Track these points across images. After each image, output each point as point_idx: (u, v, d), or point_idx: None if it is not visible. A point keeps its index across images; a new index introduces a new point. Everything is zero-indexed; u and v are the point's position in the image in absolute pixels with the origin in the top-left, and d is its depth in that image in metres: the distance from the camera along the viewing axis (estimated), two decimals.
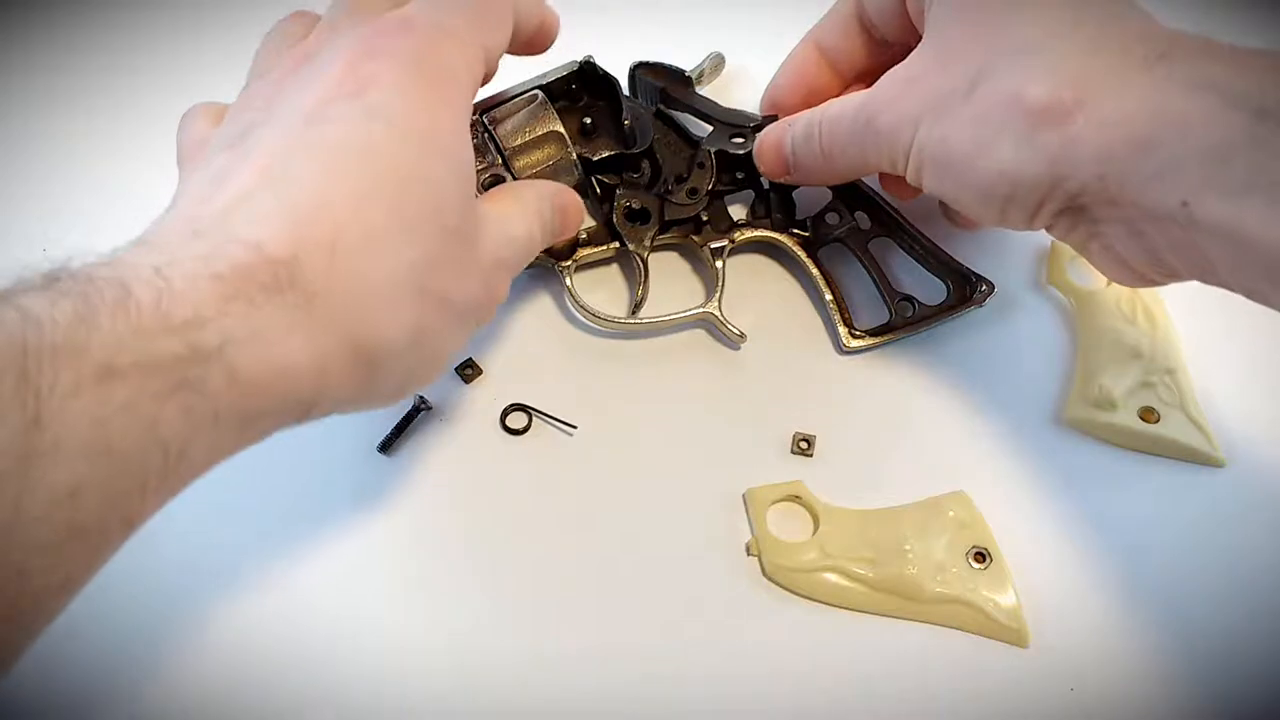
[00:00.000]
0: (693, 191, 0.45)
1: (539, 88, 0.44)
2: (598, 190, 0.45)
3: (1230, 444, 0.43)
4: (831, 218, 0.46)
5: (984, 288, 0.43)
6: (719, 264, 0.45)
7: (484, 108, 0.43)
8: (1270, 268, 0.29)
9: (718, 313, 0.44)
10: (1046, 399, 0.44)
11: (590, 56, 0.45)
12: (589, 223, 0.46)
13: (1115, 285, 0.46)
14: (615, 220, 0.45)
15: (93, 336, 0.23)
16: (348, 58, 0.31)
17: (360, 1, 0.34)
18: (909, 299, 0.44)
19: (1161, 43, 0.32)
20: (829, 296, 0.45)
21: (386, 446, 0.42)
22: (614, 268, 0.47)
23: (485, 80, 0.36)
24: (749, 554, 0.41)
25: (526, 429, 0.43)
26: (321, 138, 0.30)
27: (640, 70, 0.49)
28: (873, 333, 0.44)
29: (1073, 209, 0.34)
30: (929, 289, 0.45)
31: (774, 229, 0.46)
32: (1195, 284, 0.33)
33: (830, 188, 0.46)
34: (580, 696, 0.38)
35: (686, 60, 0.50)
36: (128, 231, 0.28)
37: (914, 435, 0.43)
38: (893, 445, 0.43)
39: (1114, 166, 0.32)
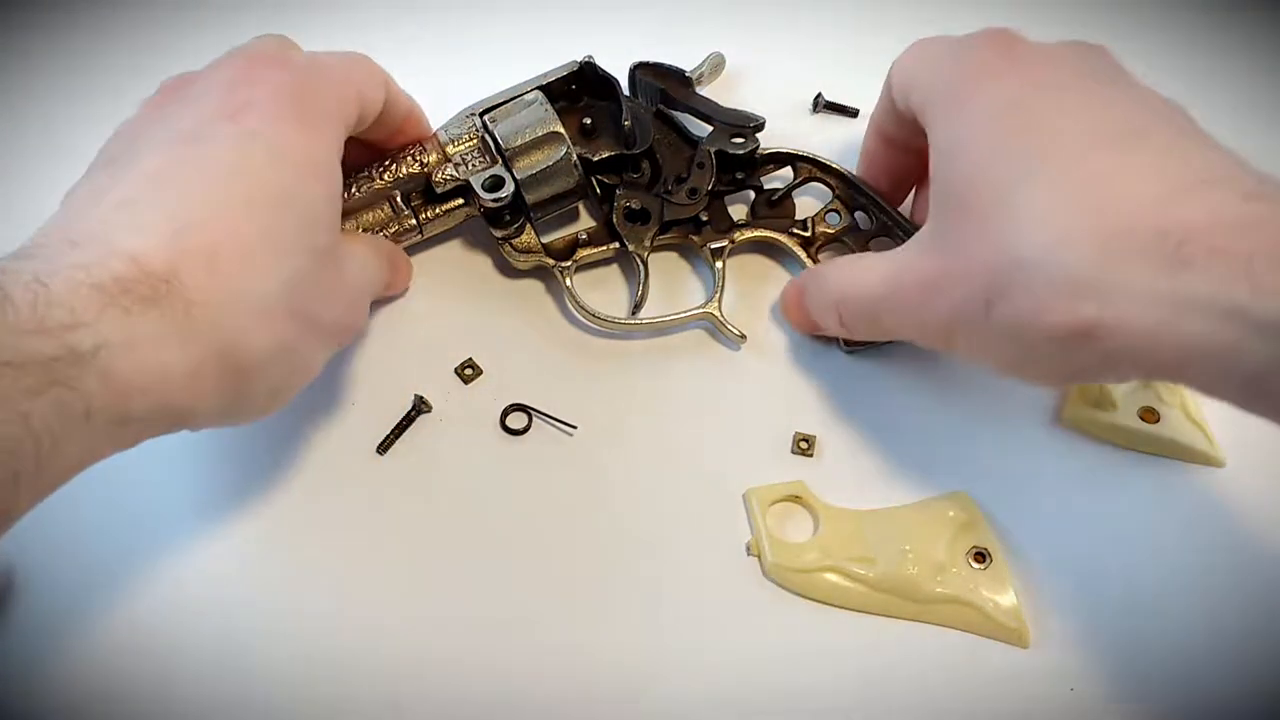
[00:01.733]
0: (693, 191, 0.45)
1: (539, 88, 0.44)
2: (598, 190, 0.45)
3: (1229, 444, 0.43)
4: (832, 218, 0.46)
5: None
6: (719, 264, 0.45)
7: (484, 109, 0.43)
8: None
9: (718, 313, 0.44)
10: (1046, 399, 0.44)
11: (590, 57, 0.45)
12: (589, 223, 0.46)
13: None
14: (615, 220, 0.45)
15: None
16: (227, 84, 0.34)
17: (242, 47, 0.37)
18: None
19: (1170, 241, 0.28)
20: None
21: (386, 447, 0.42)
22: (614, 268, 0.47)
23: (361, 126, 0.38)
24: (749, 554, 0.41)
25: (526, 429, 0.43)
26: (200, 155, 0.31)
27: (640, 71, 0.49)
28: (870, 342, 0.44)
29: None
30: None
31: (774, 229, 0.46)
32: None
33: (829, 186, 0.46)
34: (580, 696, 0.38)
35: (687, 60, 0.50)
36: None
37: (914, 435, 0.43)
38: (893, 445, 0.43)
39: (1144, 371, 0.30)
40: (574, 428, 0.43)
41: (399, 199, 0.42)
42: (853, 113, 0.51)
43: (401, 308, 0.46)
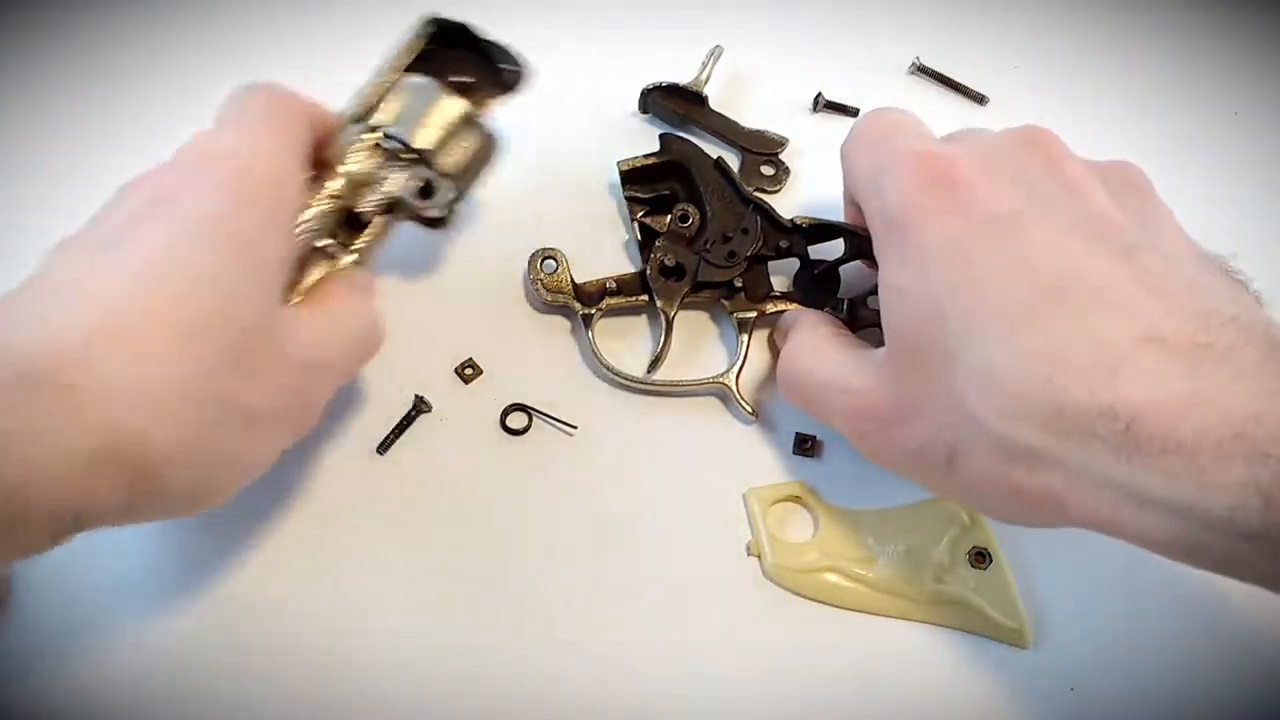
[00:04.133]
0: (731, 255, 0.43)
1: (408, 70, 0.40)
2: (639, 236, 0.45)
3: None
4: (873, 302, 0.43)
5: None
6: (744, 336, 0.43)
7: (362, 114, 0.39)
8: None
9: (734, 386, 0.43)
10: None
11: (433, 13, 0.41)
12: (624, 269, 0.45)
13: None
14: (649, 274, 0.44)
15: None
16: (151, 179, 0.33)
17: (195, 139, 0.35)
18: None
19: (1118, 421, 0.27)
20: None
21: (386, 447, 0.42)
22: (639, 309, 0.46)
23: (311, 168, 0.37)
24: (749, 554, 0.41)
25: (526, 429, 0.43)
26: (111, 251, 0.30)
27: (654, 95, 0.49)
28: None
29: None
30: None
31: (809, 304, 0.44)
32: None
33: (874, 269, 0.44)
34: (580, 696, 0.38)
35: (687, 60, 0.50)
36: None
37: None
38: None
39: (1109, 532, 0.30)
40: (574, 428, 0.43)
41: (328, 245, 0.37)
42: (853, 112, 0.51)
43: (401, 308, 0.45)
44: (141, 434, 0.28)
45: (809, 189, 0.49)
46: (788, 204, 0.48)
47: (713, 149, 0.46)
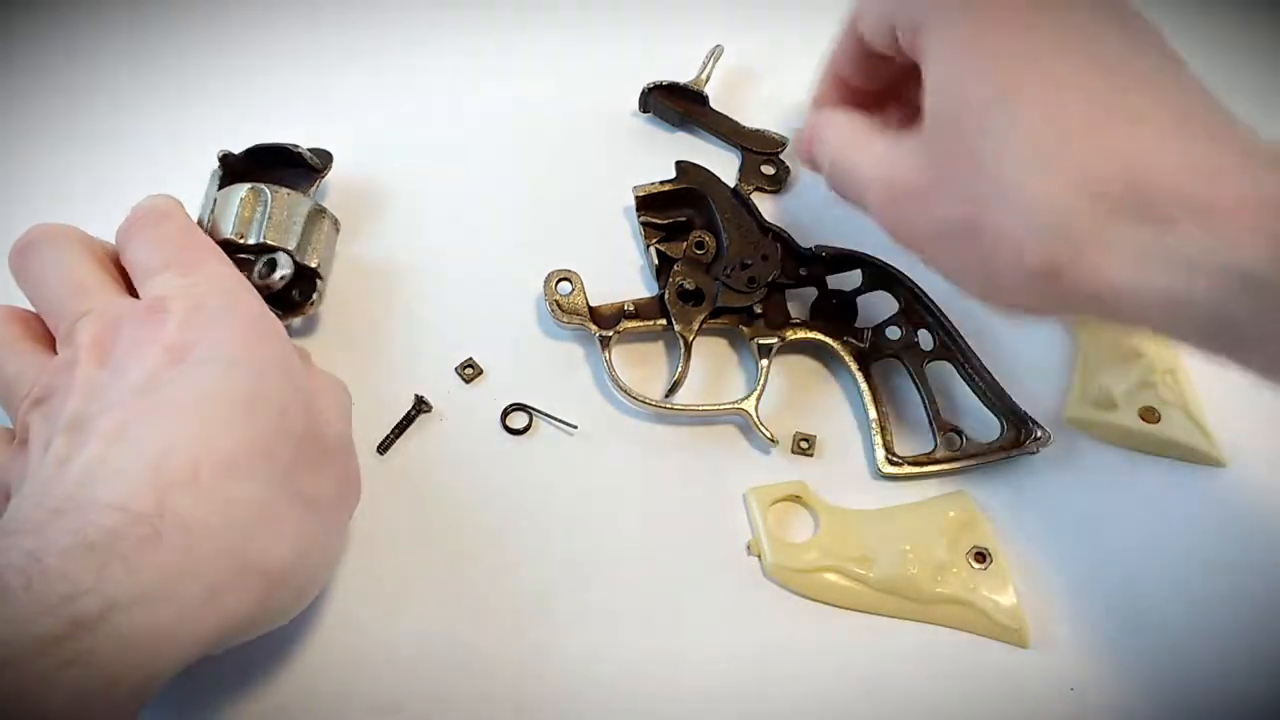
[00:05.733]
0: (751, 281, 0.43)
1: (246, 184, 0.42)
2: (656, 261, 0.45)
3: (1230, 444, 0.42)
4: (892, 331, 0.44)
5: (1040, 434, 0.41)
6: (764, 362, 0.43)
7: (227, 244, 0.41)
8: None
9: (753, 412, 0.42)
10: (1047, 398, 0.44)
11: (222, 151, 0.44)
12: (640, 294, 0.45)
13: None
14: (667, 298, 0.44)
15: None
16: (158, 338, 0.33)
17: (104, 293, 0.36)
18: (957, 431, 0.42)
19: (1144, 190, 0.29)
20: (873, 414, 0.42)
21: (386, 446, 0.42)
22: (655, 334, 0.46)
23: None
24: (749, 554, 0.41)
25: (527, 429, 0.43)
26: (159, 401, 0.31)
27: (655, 95, 0.49)
28: (913, 461, 0.42)
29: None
30: (978, 423, 0.43)
31: (829, 334, 0.44)
32: None
33: (897, 298, 0.44)
34: (580, 696, 0.38)
35: (688, 58, 0.50)
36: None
37: (915, 435, 0.43)
38: (893, 444, 0.43)
39: (1117, 318, 0.31)
40: (575, 427, 0.43)
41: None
42: None
43: (401, 308, 0.46)
44: (260, 549, 0.30)
45: (810, 189, 0.49)
46: (788, 205, 0.48)
47: (714, 148, 0.46)
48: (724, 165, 0.48)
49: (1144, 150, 0.29)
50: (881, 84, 0.41)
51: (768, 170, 0.49)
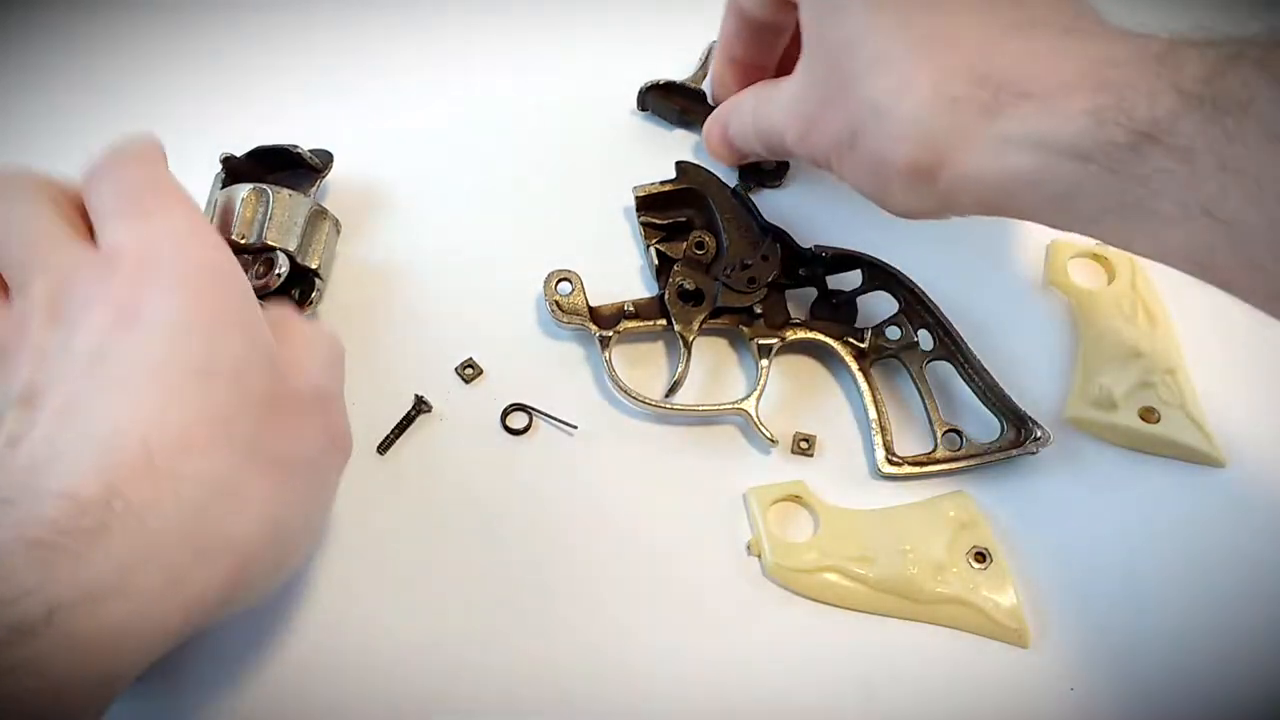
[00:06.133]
0: (751, 281, 0.43)
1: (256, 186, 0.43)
2: (656, 261, 0.45)
3: (1230, 444, 0.43)
4: (893, 332, 0.44)
5: (1039, 434, 0.41)
6: (764, 362, 0.43)
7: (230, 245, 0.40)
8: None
9: (754, 412, 0.42)
10: (1047, 398, 0.44)
11: (223, 153, 0.44)
12: (640, 294, 0.45)
13: (1116, 285, 0.46)
14: (667, 298, 0.43)
15: None
16: (109, 297, 0.31)
17: (58, 246, 0.33)
18: (956, 431, 0.42)
19: (989, 86, 0.32)
20: (873, 414, 0.43)
21: (386, 446, 0.42)
22: (655, 339, 0.46)
23: None
24: (749, 554, 0.41)
25: (527, 429, 0.43)
26: (109, 372, 0.29)
27: (653, 94, 0.49)
28: (913, 462, 0.42)
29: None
30: (978, 424, 0.43)
31: (829, 334, 0.44)
32: (1193, 285, 0.33)
33: (897, 299, 0.44)
34: (580, 696, 0.38)
35: (687, 57, 0.50)
36: None
37: (915, 435, 0.43)
38: (893, 445, 0.43)
39: (989, 208, 0.34)
40: (575, 427, 0.43)
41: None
42: None
43: (401, 308, 0.46)
44: (224, 530, 0.28)
45: (810, 189, 0.49)
46: (788, 204, 0.48)
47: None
48: (724, 167, 0.48)
49: (989, 49, 0.32)
50: (773, 58, 0.45)
51: (766, 165, 0.49)
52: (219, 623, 0.30)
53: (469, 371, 0.44)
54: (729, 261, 0.44)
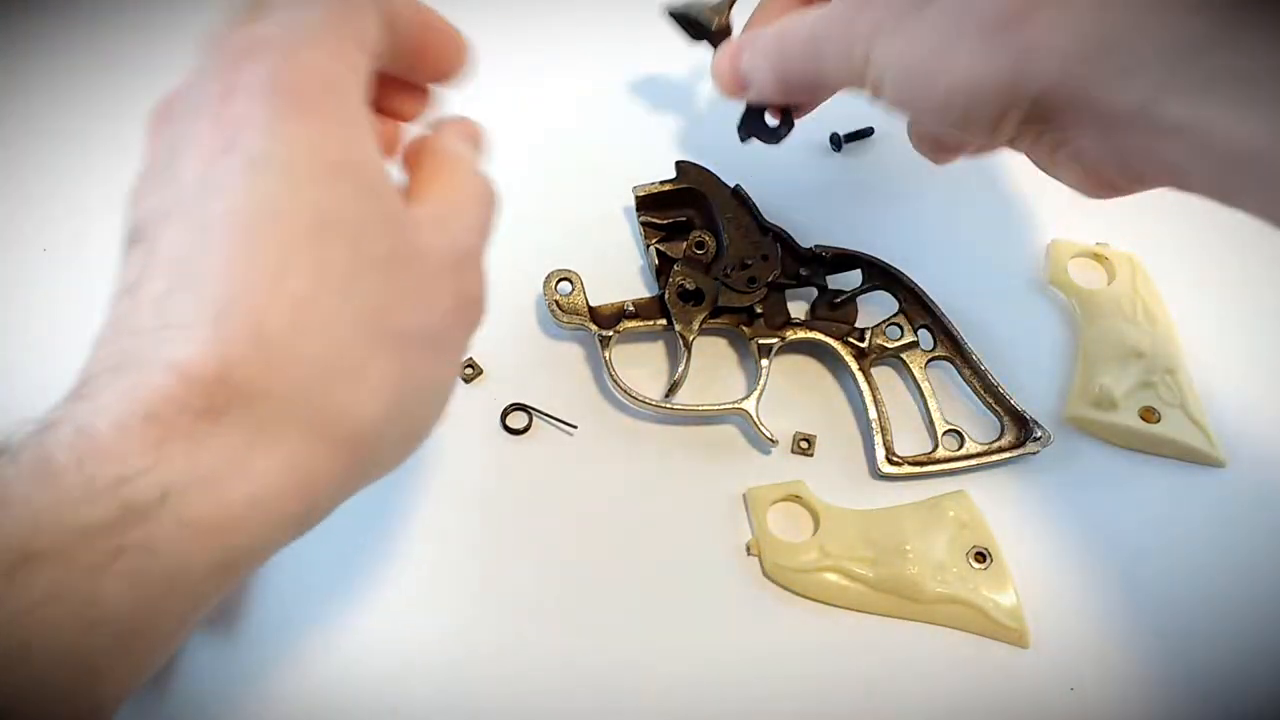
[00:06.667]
0: (751, 280, 0.43)
1: None
2: (656, 261, 0.45)
3: (1230, 444, 0.43)
4: (892, 332, 0.44)
5: (1040, 434, 0.41)
6: (764, 362, 0.43)
7: None
8: (1235, 168, 0.28)
9: (753, 411, 0.42)
10: (1047, 398, 0.44)
11: None
12: (640, 294, 0.45)
13: (1116, 285, 0.46)
14: (667, 297, 0.43)
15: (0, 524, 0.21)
16: (208, 106, 0.26)
17: (213, 34, 0.28)
18: (956, 431, 0.42)
19: None
20: (873, 414, 0.42)
21: None
22: (655, 339, 0.46)
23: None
24: (749, 554, 0.41)
25: (527, 429, 0.43)
26: (212, 213, 0.25)
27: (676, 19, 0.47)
28: (913, 462, 0.42)
29: (1037, 116, 0.32)
30: (978, 424, 0.43)
31: (829, 334, 0.44)
32: (1193, 285, 0.33)
33: (897, 299, 0.44)
34: (580, 696, 0.38)
35: (686, 51, 0.50)
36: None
37: (914, 435, 0.43)
38: (893, 445, 0.43)
39: (1074, 67, 0.30)
40: (574, 427, 0.43)
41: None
42: (868, 133, 0.51)
43: None
44: (344, 410, 0.26)
45: (811, 187, 0.49)
46: (788, 203, 0.48)
47: (714, 148, 0.46)
48: (725, 166, 0.47)
49: None
50: None
51: (771, 121, 0.45)
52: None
53: (469, 371, 0.44)
54: (729, 261, 0.44)
